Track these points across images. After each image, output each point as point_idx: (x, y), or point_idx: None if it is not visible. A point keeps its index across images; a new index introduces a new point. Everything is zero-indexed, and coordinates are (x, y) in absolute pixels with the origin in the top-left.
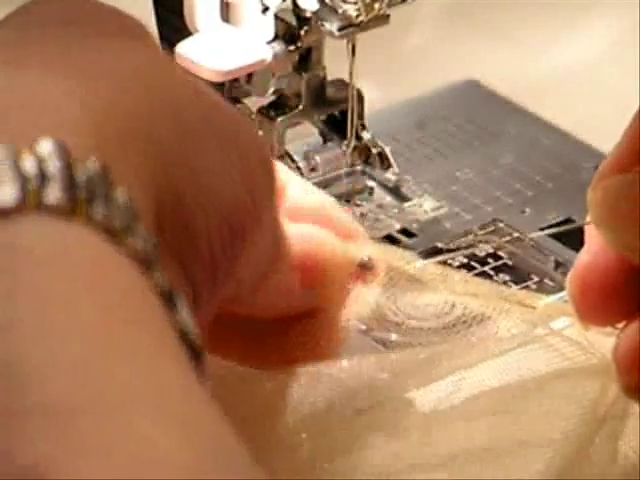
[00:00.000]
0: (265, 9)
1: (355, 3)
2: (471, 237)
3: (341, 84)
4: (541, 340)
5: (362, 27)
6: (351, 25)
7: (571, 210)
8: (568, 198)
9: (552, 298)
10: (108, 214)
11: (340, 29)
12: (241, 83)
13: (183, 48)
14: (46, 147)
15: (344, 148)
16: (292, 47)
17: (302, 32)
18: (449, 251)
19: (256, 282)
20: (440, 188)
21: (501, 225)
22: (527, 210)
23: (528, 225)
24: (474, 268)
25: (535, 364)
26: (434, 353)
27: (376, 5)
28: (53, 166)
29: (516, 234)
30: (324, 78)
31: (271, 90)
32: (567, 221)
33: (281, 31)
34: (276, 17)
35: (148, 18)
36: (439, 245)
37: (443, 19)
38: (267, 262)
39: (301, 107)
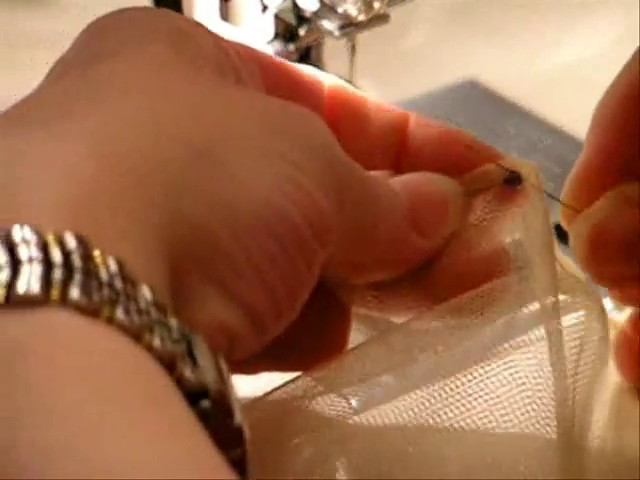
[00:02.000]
0: (265, 8)
1: (355, 3)
2: None
3: None
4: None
5: (362, 27)
6: (351, 24)
7: None
8: None
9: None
10: (86, 292)
11: (340, 28)
12: None
13: None
14: (71, 240)
15: None
16: (292, 46)
17: (302, 32)
18: None
19: (362, 256)
20: None
21: None
22: None
23: None
24: None
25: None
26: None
27: (376, 4)
28: (29, 251)
29: None
30: None
31: None
32: None
33: (281, 30)
34: (276, 16)
35: None
36: None
37: (443, 19)
38: (366, 238)
39: None
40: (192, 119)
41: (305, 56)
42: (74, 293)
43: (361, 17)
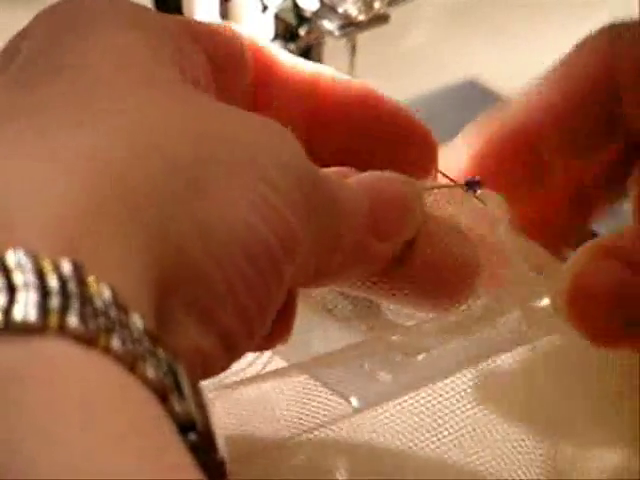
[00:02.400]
0: (265, 8)
1: (355, 2)
2: None
3: None
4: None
5: (362, 26)
6: (351, 24)
7: None
8: None
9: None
10: (83, 320)
11: (340, 28)
12: None
13: None
14: (14, 259)
15: None
16: (292, 46)
17: (302, 31)
18: None
19: (325, 263)
20: None
21: None
22: None
23: None
24: None
25: None
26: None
27: (376, 4)
28: (22, 277)
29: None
30: None
31: None
32: None
33: (281, 30)
34: (276, 16)
35: None
36: None
37: (443, 19)
38: (329, 245)
39: None
40: (174, 139)
41: (305, 56)
42: (72, 321)
43: (361, 17)
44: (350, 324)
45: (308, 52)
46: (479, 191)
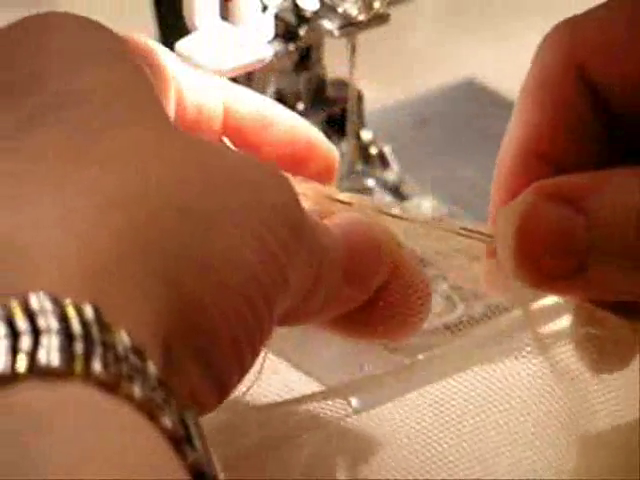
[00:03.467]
0: (265, 8)
1: (355, 2)
2: None
3: (341, 84)
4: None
5: (362, 26)
6: (351, 24)
7: None
8: None
9: (551, 298)
10: (107, 366)
11: (340, 28)
12: (241, 82)
13: (183, 46)
14: (38, 303)
15: (344, 148)
16: (292, 46)
17: (302, 31)
18: None
19: (304, 304)
20: (440, 188)
21: None
22: None
23: None
24: None
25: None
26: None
27: (376, 4)
28: (47, 321)
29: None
30: (324, 78)
31: (271, 89)
32: None
33: (281, 30)
34: (276, 16)
35: (148, 17)
36: None
37: (443, 19)
38: (310, 287)
39: (301, 107)
40: (184, 188)
41: (305, 56)
42: (96, 367)
43: (361, 17)
44: None
45: (308, 52)
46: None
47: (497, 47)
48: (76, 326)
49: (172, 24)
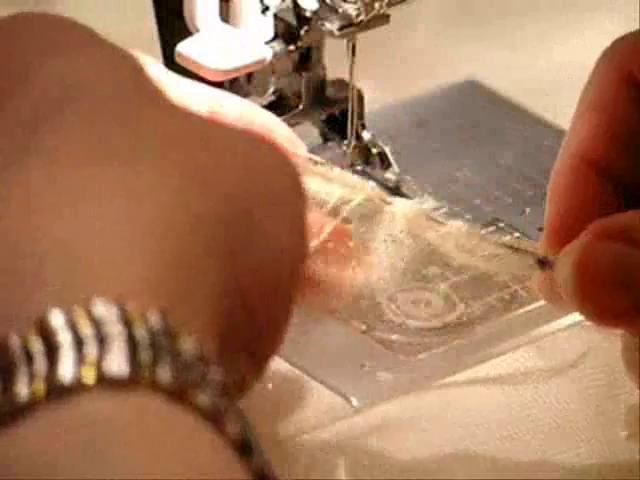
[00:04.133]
0: (265, 9)
1: (355, 3)
2: None
3: (341, 84)
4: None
5: (362, 27)
6: (351, 25)
7: None
8: None
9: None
10: (173, 374)
11: (340, 29)
12: (241, 83)
13: (183, 48)
14: (103, 308)
15: (344, 148)
16: (292, 47)
17: (302, 32)
18: None
19: None
20: (440, 188)
21: (501, 225)
22: (527, 210)
23: (528, 225)
24: None
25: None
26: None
27: (376, 5)
28: (112, 329)
29: (516, 234)
30: (324, 78)
31: (271, 90)
32: None
33: (281, 31)
34: (276, 17)
35: (148, 18)
36: None
37: (443, 19)
38: None
39: (301, 107)
40: (229, 178)
41: (305, 56)
42: (164, 375)
43: (361, 17)
44: (350, 324)
45: (308, 52)
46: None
47: (497, 47)
48: (142, 333)
49: (172, 25)
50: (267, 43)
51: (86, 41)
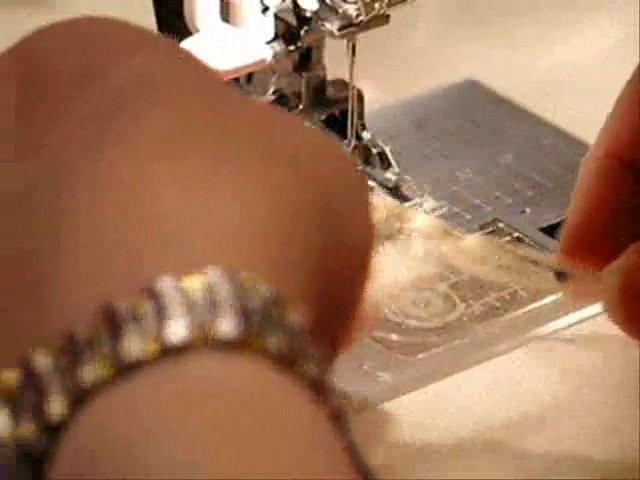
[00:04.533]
0: (265, 9)
1: (355, 3)
2: None
3: (341, 84)
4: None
5: (362, 27)
6: (351, 25)
7: None
8: (568, 198)
9: (551, 298)
10: (283, 343)
11: (340, 29)
12: (241, 83)
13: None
14: (214, 275)
15: (344, 148)
16: (292, 47)
17: (302, 32)
18: None
19: None
20: (440, 188)
21: (501, 225)
22: (527, 210)
23: (528, 225)
24: None
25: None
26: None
27: (376, 5)
28: (224, 294)
29: (516, 234)
30: (324, 78)
31: (271, 90)
32: None
33: (281, 31)
34: (276, 17)
35: (148, 18)
36: None
37: (443, 19)
38: None
39: (301, 107)
40: (312, 157)
41: (305, 56)
42: (274, 343)
43: (361, 17)
44: None
45: (308, 52)
46: None
47: (497, 47)
48: (253, 300)
49: (173, 25)
50: (267, 43)
51: (152, 38)
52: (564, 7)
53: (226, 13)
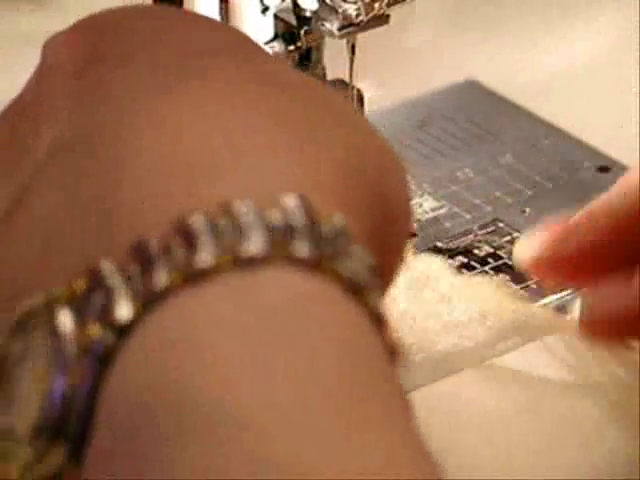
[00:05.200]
0: (265, 9)
1: (355, 3)
2: (471, 237)
3: (341, 84)
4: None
5: (362, 27)
6: (351, 25)
7: (571, 210)
8: (568, 198)
9: (552, 298)
10: (353, 270)
11: (340, 29)
12: None
13: None
14: (291, 202)
15: None
16: (292, 47)
17: (302, 32)
18: (449, 251)
19: None
20: (440, 188)
21: (501, 225)
22: (527, 210)
23: (528, 225)
24: (474, 268)
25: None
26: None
27: (376, 5)
28: (299, 220)
29: (516, 234)
30: (324, 78)
31: None
32: None
33: (281, 31)
34: (276, 17)
35: None
36: (439, 245)
37: (443, 19)
38: None
39: None
40: (353, 120)
41: (305, 56)
42: (344, 269)
43: (361, 17)
44: None
45: (308, 52)
46: None
47: (497, 47)
48: (327, 227)
49: None
50: (267, 43)
51: (196, 15)
52: (564, 7)
53: (226, 13)
